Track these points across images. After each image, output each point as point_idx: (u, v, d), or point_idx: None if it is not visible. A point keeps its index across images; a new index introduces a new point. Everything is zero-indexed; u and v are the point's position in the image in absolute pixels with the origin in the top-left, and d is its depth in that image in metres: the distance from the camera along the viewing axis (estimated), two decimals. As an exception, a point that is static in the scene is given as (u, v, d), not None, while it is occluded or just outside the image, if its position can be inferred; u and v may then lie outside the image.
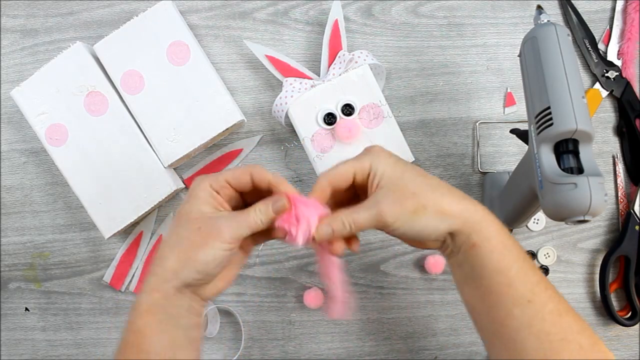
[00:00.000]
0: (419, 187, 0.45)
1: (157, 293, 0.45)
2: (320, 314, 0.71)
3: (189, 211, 0.46)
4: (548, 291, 0.45)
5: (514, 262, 0.45)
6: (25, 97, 0.69)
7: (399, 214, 0.44)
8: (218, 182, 0.46)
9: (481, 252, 0.45)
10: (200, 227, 0.45)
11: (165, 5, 0.68)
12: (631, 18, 0.70)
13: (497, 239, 0.45)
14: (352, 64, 0.67)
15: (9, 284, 0.75)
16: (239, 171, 0.47)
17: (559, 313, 0.44)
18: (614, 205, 0.70)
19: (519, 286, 0.44)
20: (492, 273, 0.45)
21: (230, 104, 0.69)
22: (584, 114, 0.48)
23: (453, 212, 0.45)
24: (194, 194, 0.46)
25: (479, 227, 0.45)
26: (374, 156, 0.47)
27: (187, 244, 0.45)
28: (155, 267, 0.46)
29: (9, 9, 0.75)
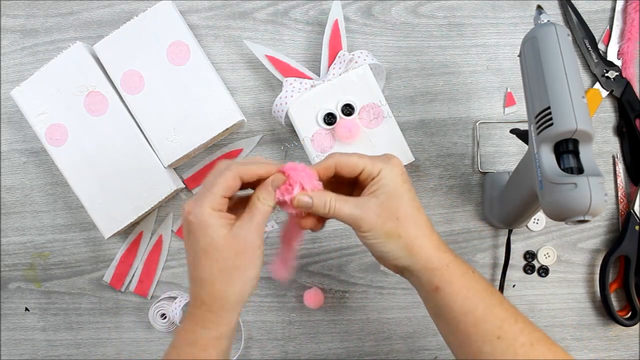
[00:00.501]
0: (405, 216, 0.47)
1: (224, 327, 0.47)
2: (320, 314, 0.71)
3: (212, 243, 0.45)
4: (518, 324, 0.46)
5: (480, 302, 0.46)
6: (25, 97, 0.69)
7: (376, 228, 0.46)
8: (217, 201, 0.45)
9: (444, 294, 0.47)
10: (237, 250, 0.45)
11: (165, 5, 0.68)
12: (631, 18, 0.70)
13: (460, 282, 0.47)
14: (352, 64, 0.67)
15: (9, 284, 0.75)
16: (230, 180, 0.46)
17: (531, 344, 0.45)
18: (614, 205, 0.70)
19: (486, 325, 0.46)
20: (458, 314, 0.46)
21: (230, 104, 0.69)
22: (584, 114, 0.48)
23: (419, 255, 0.47)
24: (204, 224, 0.45)
25: (440, 272, 0.47)
26: (388, 166, 0.47)
27: (238, 273, 0.45)
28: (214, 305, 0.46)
29: (9, 9, 0.75)
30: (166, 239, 0.73)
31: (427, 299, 0.49)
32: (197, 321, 0.47)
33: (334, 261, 0.72)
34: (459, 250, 0.70)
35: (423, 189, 0.71)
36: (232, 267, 0.45)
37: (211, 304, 0.46)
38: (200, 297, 0.46)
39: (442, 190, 0.71)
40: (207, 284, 0.46)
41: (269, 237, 0.72)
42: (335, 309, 0.71)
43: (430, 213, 0.71)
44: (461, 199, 0.71)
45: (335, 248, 0.72)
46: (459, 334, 0.47)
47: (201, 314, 0.46)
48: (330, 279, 0.71)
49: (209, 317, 0.46)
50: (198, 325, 0.46)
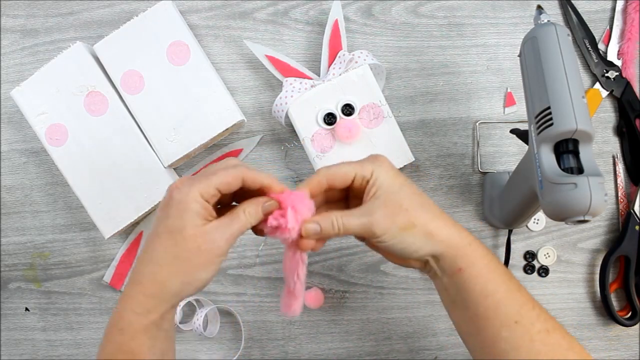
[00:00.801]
0: (412, 204, 0.46)
1: (155, 314, 0.44)
2: (320, 314, 0.71)
3: (182, 227, 0.43)
4: (535, 310, 0.45)
5: (500, 284, 0.46)
6: (25, 97, 0.69)
7: (389, 227, 0.45)
8: (208, 189, 0.44)
9: (467, 276, 0.46)
10: (200, 245, 0.43)
11: (165, 5, 0.68)
12: (631, 18, 0.70)
13: (482, 262, 0.46)
14: (352, 64, 0.67)
15: (9, 284, 0.75)
16: (231, 177, 0.44)
17: (547, 331, 0.45)
18: (614, 205, 0.70)
19: (506, 308, 0.45)
20: (479, 297, 0.46)
21: (230, 104, 0.69)
22: (584, 114, 0.48)
23: (440, 236, 0.46)
24: (184, 205, 0.43)
25: (463, 252, 0.46)
26: (376, 165, 0.47)
27: (189, 266, 0.44)
28: (151, 288, 0.44)
29: (9, 9, 0.75)
30: (166, 239, 0.73)
31: (448, 284, 0.47)
32: (128, 303, 0.44)
33: (334, 261, 0.72)
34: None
35: (423, 189, 0.71)
36: (187, 260, 0.43)
37: (147, 286, 0.44)
38: (139, 275, 0.44)
39: (442, 190, 0.71)
40: (153, 264, 0.44)
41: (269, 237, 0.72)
42: (335, 309, 0.71)
43: (430, 213, 0.71)
44: (461, 199, 0.71)
45: (335, 248, 0.72)
46: (477, 319, 0.46)
47: (134, 295, 0.44)
48: (330, 279, 0.71)
49: (141, 299, 0.44)
50: (127, 309, 0.44)
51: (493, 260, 0.47)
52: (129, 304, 0.44)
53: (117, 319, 0.45)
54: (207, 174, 0.44)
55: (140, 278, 0.44)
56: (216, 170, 0.44)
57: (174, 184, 0.44)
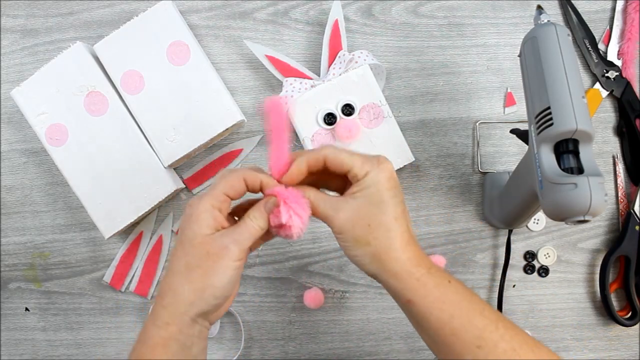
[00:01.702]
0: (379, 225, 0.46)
1: (173, 326, 0.44)
2: (320, 314, 0.71)
3: (192, 237, 0.44)
4: (499, 331, 0.45)
5: (456, 312, 0.45)
6: (25, 97, 0.69)
7: (346, 231, 0.46)
8: (217, 198, 0.45)
9: (418, 308, 0.46)
10: (208, 251, 0.44)
11: (165, 5, 0.68)
12: (631, 18, 0.70)
13: (433, 295, 0.45)
14: (352, 64, 0.67)
15: (9, 284, 0.75)
16: (234, 179, 0.46)
17: (513, 349, 0.44)
18: (614, 205, 0.70)
19: (465, 335, 0.45)
20: (435, 326, 0.45)
21: (230, 104, 0.69)
22: (584, 114, 0.48)
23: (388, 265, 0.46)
24: (195, 217, 0.45)
25: (412, 285, 0.46)
26: (375, 170, 0.46)
27: (200, 273, 0.44)
28: (166, 299, 0.45)
29: (9, 9, 0.75)
30: (166, 239, 0.73)
31: (403, 309, 0.48)
32: (151, 315, 0.45)
33: (334, 261, 0.72)
34: (459, 250, 0.70)
35: (423, 189, 0.71)
36: (197, 266, 0.44)
37: (164, 297, 0.45)
38: (161, 288, 0.46)
39: (442, 190, 0.71)
40: (169, 275, 0.45)
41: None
42: (335, 309, 0.71)
43: (430, 213, 0.71)
44: (461, 199, 0.71)
45: (335, 248, 0.72)
46: (440, 344, 0.46)
47: (155, 308, 0.45)
48: (330, 279, 0.71)
49: (160, 312, 0.45)
50: (150, 321, 0.45)
51: (449, 288, 0.46)
52: (151, 316, 0.45)
53: (142, 331, 0.46)
54: (213, 185, 0.46)
55: (160, 291, 0.45)
56: (221, 179, 0.46)
57: (189, 201, 0.46)
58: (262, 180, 0.46)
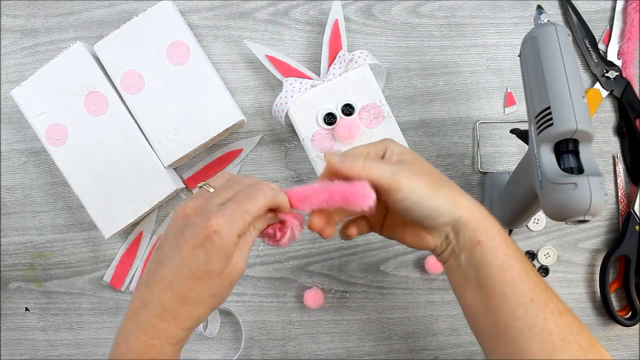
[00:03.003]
0: (434, 172, 0.47)
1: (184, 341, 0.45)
2: (320, 314, 0.71)
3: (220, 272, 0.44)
4: (548, 291, 0.45)
5: (517, 261, 0.45)
6: (25, 97, 0.69)
7: (415, 183, 0.44)
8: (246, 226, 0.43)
9: (486, 249, 0.45)
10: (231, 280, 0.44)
11: (165, 5, 0.68)
12: (631, 18, 0.70)
13: (501, 237, 0.46)
14: (352, 64, 0.67)
15: (9, 284, 0.75)
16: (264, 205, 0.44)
17: (559, 312, 0.44)
18: (614, 205, 0.70)
19: (522, 285, 0.44)
20: (497, 272, 0.45)
21: (230, 104, 0.69)
22: (584, 114, 0.48)
23: (463, 203, 0.46)
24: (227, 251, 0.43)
25: (484, 223, 0.46)
26: (389, 142, 0.48)
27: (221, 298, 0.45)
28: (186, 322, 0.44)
29: (9, 9, 0.75)
30: (166, 239, 0.73)
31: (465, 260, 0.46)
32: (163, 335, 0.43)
33: (334, 261, 0.72)
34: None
35: (423, 189, 0.71)
36: (221, 295, 0.45)
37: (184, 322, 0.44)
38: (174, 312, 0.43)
39: (442, 190, 0.71)
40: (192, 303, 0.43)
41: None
42: (335, 309, 0.71)
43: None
44: (461, 199, 0.71)
45: (335, 248, 0.72)
46: (494, 297, 0.45)
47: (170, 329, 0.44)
48: (330, 279, 0.71)
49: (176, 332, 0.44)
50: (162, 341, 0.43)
51: (508, 237, 0.47)
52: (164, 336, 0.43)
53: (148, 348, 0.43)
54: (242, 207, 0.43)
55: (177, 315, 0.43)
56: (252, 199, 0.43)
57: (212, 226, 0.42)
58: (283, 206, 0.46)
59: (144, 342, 0.43)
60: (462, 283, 0.47)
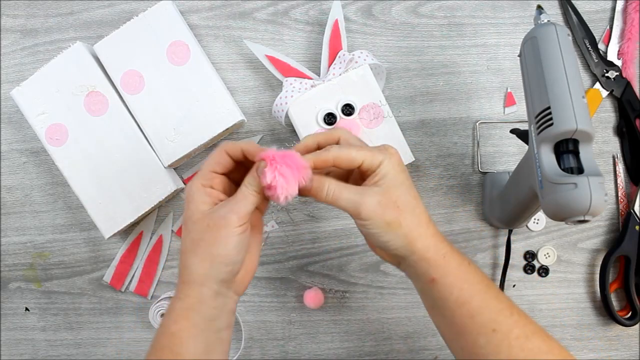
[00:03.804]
0: (405, 206, 0.47)
1: (192, 298, 0.47)
2: (320, 314, 0.71)
3: (191, 216, 0.47)
4: (513, 317, 0.46)
5: (475, 293, 0.47)
6: (25, 97, 0.69)
7: (376, 217, 0.46)
8: (205, 176, 0.48)
9: (440, 287, 0.47)
10: (208, 224, 0.46)
11: (165, 5, 0.68)
12: (631, 18, 0.70)
13: (456, 274, 0.47)
14: (352, 64, 0.67)
15: (9, 284, 0.75)
16: (217, 155, 0.48)
17: (526, 336, 0.45)
18: (614, 205, 0.70)
19: (481, 317, 0.46)
20: (454, 305, 0.47)
21: (230, 104, 0.69)
22: (584, 114, 0.48)
23: (418, 245, 0.47)
24: (190, 197, 0.48)
25: (437, 263, 0.47)
26: (386, 157, 0.48)
27: (205, 245, 0.46)
28: (183, 275, 0.47)
29: (9, 9, 0.75)
30: (166, 239, 0.73)
31: (424, 290, 0.49)
32: (175, 292, 0.48)
33: (334, 261, 0.72)
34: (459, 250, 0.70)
35: (423, 189, 0.71)
36: (200, 239, 0.46)
37: (182, 274, 0.48)
38: (179, 267, 0.48)
39: (442, 190, 0.71)
40: (182, 254, 0.48)
41: (269, 236, 0.72)
42: (335, 309, 0.71)
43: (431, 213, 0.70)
44: (461, 199, 0.71)
45: (335, 248, 0.72)
46: (455, 326, 0.47)
47: (177, 285, 0.48)
48: (330, 279, 0.71)
49: (180, 287, 0.48)
50: (174, 297, 0.48)
51: (469, 269, 0.48)
52: (175, 293, 0.48)
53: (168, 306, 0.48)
54: (201, 165, 0.49)
55: (179, 269, 0.48)
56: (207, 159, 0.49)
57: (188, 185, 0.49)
58: (242, 147, 0.48)
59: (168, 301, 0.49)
60: (429, 307, 0.50)
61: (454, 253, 0.48)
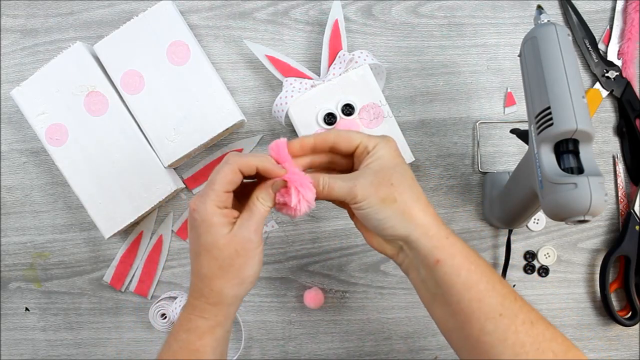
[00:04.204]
0: (400, 183, 0.47)
1: (221, 317, 0.48)
2: (320, 314, 0.71)
3: (215, 242, 0.46)
4: (517, 302, 0.45)
5: (482, 276, 0.45)
6: (25, 97, 0.69)
7: (370, 195, 0.46)
8: (220, 198, 0.46)
9: (447, 268, 0.45)
10: (236, 249, 0.46)
11: (165, 5, 0.68)
12: (631, 18, 0.70)
13: (462, 254, 0.46)
14: (352, 64, 0.67)
15: (9, 284, 0.75)
16: (229, 174, 0.46)
17: (531, 323, 0.44)
18: (614, 205, 0.70)
19: (489, 300, 0.45)
20: (462, 289, 0.45)
21: (230, 104, 0.69)
22: (584, 114, 0.48)
23: (417, 220, 0.46)
24: (208, 222, 0.46)
25: (441, 243, 0.46)
26: (383, 141, 0.48)
27: (235, 270, 0.47)
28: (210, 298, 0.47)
29: (9, 9, 0.75)
30: (166, 239, 0.73)
31: (427, 277, 0.47)
32: (196, 311, 0.48)
33: (334, 261, 0.72)
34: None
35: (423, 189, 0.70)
36: (231, 265, 0.46)
37: (209, 297, 0.47)
38: (199, 289, 0.48)
39: (442, 190, 0.71)
40: (206, 279, 0.47)
41: (269, 236, 0.72)
42: (335, 309, 0.71)
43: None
44: (461, 199, 0.71)
45: (335, 248, 0.72)
46: (460, 314, 0.45)
47: (200, 305, 0.48)
48: (330, 279, 0.71)
49: (207, 308, 0.48)
50: (195, 314, 0.48)
51: (472, 253, 0.47)
52: (196, 311, 0.48)
53: (185, 322, 0.48)
54: (210, 184, 0.46)
55: (202, 292, 0.48)
56: (215, 178, 0.46)
57: (190, 206, 0.47)
58: (258, 165, 0.47)
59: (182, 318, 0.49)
60: (430, 299, 0.48)
61: (455, 236, 0.47)
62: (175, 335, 0.49)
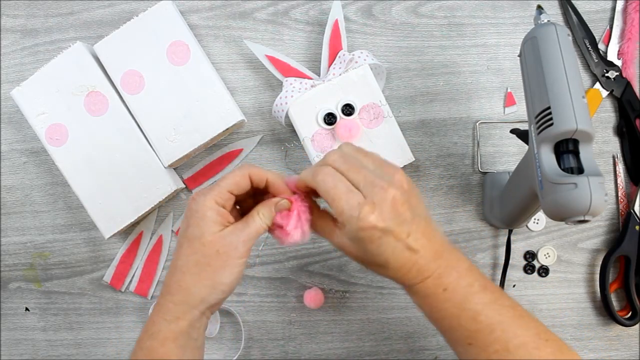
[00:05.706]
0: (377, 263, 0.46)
1: (183, 321, 0.46)
2: (320, 314, 0.71)
3: (201, 235, 0.45)
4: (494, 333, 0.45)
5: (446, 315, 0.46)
6: (25, 97, 0.69)
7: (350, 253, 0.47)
8: (222, 195, 0.46)
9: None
10: (219, 249, 0.45)
11: (165, 5, 0.68)
12: (631, 18, 0.70)
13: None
14: (352, 64, 0.67)
15: (9, 284, 0.75)
16: (238, 176, 0.46)
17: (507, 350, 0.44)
18: (614, 205, 0.70)
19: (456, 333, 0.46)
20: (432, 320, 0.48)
21: (230, 104, 0.69)
22: (584, 114, 0.48)
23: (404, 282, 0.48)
24: (201, 214, 0.45)
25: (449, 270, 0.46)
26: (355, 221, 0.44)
27: (210, 271, 0.45)
28: (177, 296, 0.46)
29: (9, 9, 0.75)
30: (166, 239, 0.73)
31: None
32: (161, 312, 0.47)
33: (334, 261, 0.72)
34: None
35: (423, 189, 0.71)
36: (207, 265, 0.45)
37: (174, 294, 0.46)
38: (168, 284, 0.47)
39: (442, 190, 0.71)
40: (178, 272, 0.46)
41: (269, 236, 0.72)
42: (335, 309, 0.71)
43: (431, 213, 0.70)
44: (461, 199, 0.71)
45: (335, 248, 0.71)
46: None
47: (164, 303, 0.46)
48: (330, 279, 0.71)
49: (170, 307, 0.46)
50: (159, 316, 0.46)
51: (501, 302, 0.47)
52: (161, 311, 0.46)
53: (150, 325, 0.47)
54: (218, 182, 0.46)
55: (169, 287, 0.46)
56: (225, 176, 0.46)
57: (191, 196, 0.47)
58: (269, 178, 0.47)
59: (149, 319, 0.47)
60: None
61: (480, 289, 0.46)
62: (140, 343, 0.47)
